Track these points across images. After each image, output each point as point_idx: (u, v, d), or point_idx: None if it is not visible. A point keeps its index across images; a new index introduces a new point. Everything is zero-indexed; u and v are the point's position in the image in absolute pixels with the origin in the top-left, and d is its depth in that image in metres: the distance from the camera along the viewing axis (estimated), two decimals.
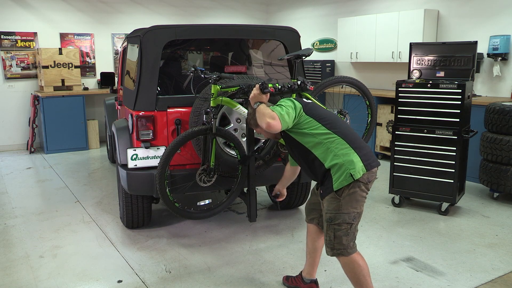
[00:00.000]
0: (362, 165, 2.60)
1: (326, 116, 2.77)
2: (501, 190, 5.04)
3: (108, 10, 8.82)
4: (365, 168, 2.61)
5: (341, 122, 2.79)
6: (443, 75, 5.01)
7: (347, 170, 2.57)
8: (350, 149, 2.63)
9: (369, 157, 2.66)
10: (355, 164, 2.58)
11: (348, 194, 2.59)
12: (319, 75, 8.81)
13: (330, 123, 2.72)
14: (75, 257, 3.83)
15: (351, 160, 2.59)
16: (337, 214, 2.60)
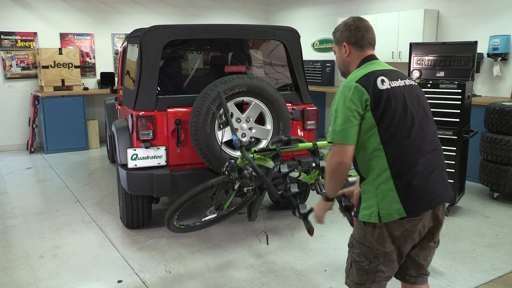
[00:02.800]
0: (400, 207, 1.95)
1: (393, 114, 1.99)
2: (501, 190, 5.04)
3: (108, 10, 8.82)
4: (403, 211, 1.95)
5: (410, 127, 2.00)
6: (443, 75, 5.01)
7: (376, 207, 1.99)
8: (391, 182, 1.97)
9: (419, 195, 1.96)
10: (387, 205, 1.96)
11: (373, 228, 2.03)
12: (319, 75, 8.82)
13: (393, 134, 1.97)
14: (75, 257, 3.83)
15: (385, 198, 1.97)
16: (358, 243, 2.10)
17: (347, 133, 1.97)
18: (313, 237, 4.14)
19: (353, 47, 2.21)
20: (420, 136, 2.01)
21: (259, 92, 3.81)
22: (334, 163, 2.01)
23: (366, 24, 2.25)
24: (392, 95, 2.00)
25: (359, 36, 2.20)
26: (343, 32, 2.21)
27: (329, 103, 9.23)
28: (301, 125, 4.35)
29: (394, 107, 1.98)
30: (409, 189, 1.96)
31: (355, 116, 1.97)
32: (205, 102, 3.68)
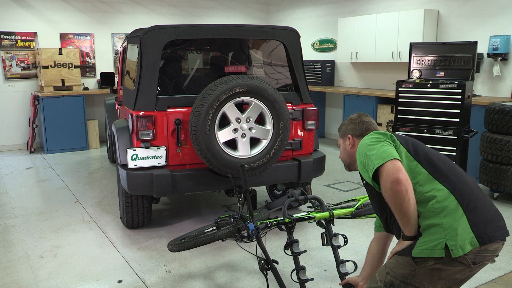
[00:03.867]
0: (472, 236, 1.80)
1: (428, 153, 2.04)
2: (501, 190, 5.04)
3: (108, 10, 8.82)
4: (476, 242, 1.80)
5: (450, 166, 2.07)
6: (443, 75, 5.02)
7: (443, 238, 1.80)
8: (459, 209, 1.85)
9: (488, 225, 1.86)
10: (458, 234, 1.79)
11: (431, 268, 1.83)
12: (319, 75, 8.82)
13: (433, 165, 1.98)
14: (75, 257, 3.83)
15: (455, 226, 1.81)
16: (404, 284, 1.89)
17: (387, 152, 1.89)
18: (313, 236, 4.14)
19: (357, 139, 2.26)
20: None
21: (259, 92, 3.81)
22: (389, 186, 1.81)
23: (370, 119, 2.32)
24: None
25: (363, 128, 2.27)
26: (348, 125, 2.30)
27: (329, 103, 9.24)
28: (301, 125, 4.35)
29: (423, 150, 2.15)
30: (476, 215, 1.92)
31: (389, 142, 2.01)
32: (205, 102, 3.68)
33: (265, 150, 3.92)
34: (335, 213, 3.15)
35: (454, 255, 1.77)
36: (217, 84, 3.72)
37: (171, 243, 3.43)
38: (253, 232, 2.85)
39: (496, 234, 1.86)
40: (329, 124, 9.32)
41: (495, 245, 1.87)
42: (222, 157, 3.77)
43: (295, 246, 2.89)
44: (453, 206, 1.85)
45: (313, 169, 4.33)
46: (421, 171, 1.94)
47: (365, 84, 8.41)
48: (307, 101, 4.40)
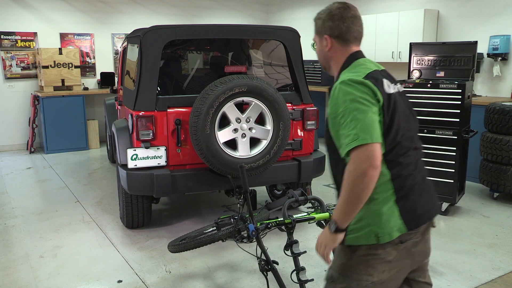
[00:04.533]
0: (400, 222, 1.72)
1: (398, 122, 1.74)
2: (501, 190, 5.04)
3: (108, 10, 8.82)
4: (404, 228, 1.73)
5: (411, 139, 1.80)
6: (443, 75, 5.01)
7: (371, 226, 1.72)
8: (391, 193, 1.73)
9: (417, 208, 1.76)
10: (385, 221, 1.71)
11: (364, 255, 1.74)
12: (319, 75, 8.82)
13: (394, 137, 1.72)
14: (75, 257, 3.83)
15: (383, 212, 1.72)
16: (342, 276, 1.78)
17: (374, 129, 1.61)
18: (313, 237, 4.14)
19: (336, 40, 1.84)
20: (417, 145, 1.85)
21: (259, 92, 3.81)
22: (366, 167, 1.57)
23: (354, 13, 1.82)
24: (397, 101, 1.75)
25: (343, 28, 1.81)
26: (325, 22, 1.83)
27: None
28: (301, 125, 4.35)
29: (399, 114, 1.73)
30: (407, 201, 1.75)
31: (376, 111, 1.66)
32: (205, 102, 3.68)
33: (265, 150, 3.92)
34: None
35: (382, 241, 1.70)
36: (217, 84, 3.72)
37: (171, 244, 3.43)
38: (253, 232, 2.85)
39: (424, 218, 1.79)
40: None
41: (423, 227, 1.80)
42: (222, 157, 3.77)
43: (295, 247, 2.89)
44: (388, 193, 1.72)
45: (313, 169, 4.33)
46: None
47: None
48: (307, 101, 4.40)
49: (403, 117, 1.75)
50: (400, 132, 1.72)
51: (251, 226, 2.86)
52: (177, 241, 3.44)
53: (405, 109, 1.80)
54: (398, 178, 1.73)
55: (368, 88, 1.67)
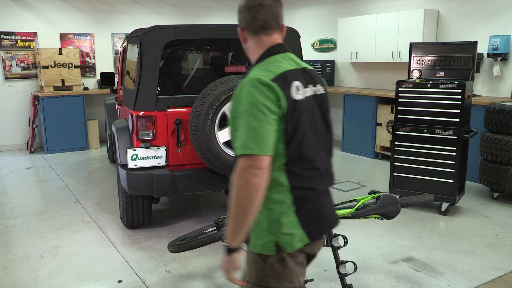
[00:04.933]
0: (302, 233, 1.65)
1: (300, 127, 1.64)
2: (501, 190, 5.04)
3: (108, 10, 8.82)
4: (306, 238, 1.66)
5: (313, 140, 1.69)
6: (443, 75, 5.01)
7: (273, 236, 1.64)
8: (290, 204, 1.65)
9: (319, 219, 1.71)
10: (287, 232, 1.63)
11: (276, 264, 1.66)
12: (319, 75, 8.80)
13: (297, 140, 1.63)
14: (75, 257, 3.83)
15: (283, 222, 1.64)
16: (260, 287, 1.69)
17: (265, 140, 1.52)
18: None
19: (246, 32, 1.74)
20: (323, 152, 1.76)
21: None
22: (249, 176, 1.50)
23: (260, 1, 1.68)
24: (304, 109, 1.64)
25: (248, 18, 1.70)
26: (238, 15, 1.75)
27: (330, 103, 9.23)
28: None
29: (306, 122, 1.64)
30: (308, 212, 1.68)
31: (274, 120, 1.55)
32: (205, 102, 3.67)
33: None
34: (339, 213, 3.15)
35: (287, 251, 1.64)
36: (217, 84, 3.72)
37: (171, 244, 3.43)
38: None
39: (326, 228, 1.78)
40: None
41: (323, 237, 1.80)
42: (222, 157, 3.77)
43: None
44: (287, 204, 1.64)
45: None
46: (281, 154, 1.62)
47: (365, 84, 8.41)
48: None
49: (309, 127, 1.66)
50: (304, 143, 1.64)
51: None
52: (177, 241, 3.44)
53: (315, 117, 1.71)
54: (298, 189, 1.65)
55: (273, 92, 1.56)
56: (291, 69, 1.67)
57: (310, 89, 1.71)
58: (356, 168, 6.80)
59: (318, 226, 1.70)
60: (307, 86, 1.70)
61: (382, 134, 7.18)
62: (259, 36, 1.72)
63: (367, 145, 7.46)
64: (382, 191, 5.63)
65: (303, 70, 1.74)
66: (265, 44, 1.72)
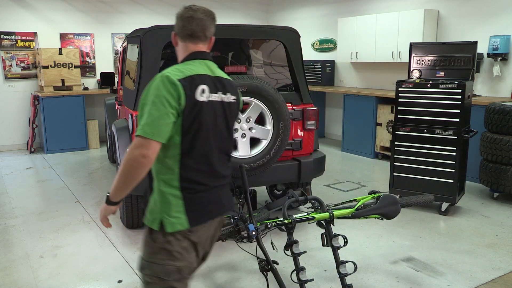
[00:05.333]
0: (184, 218, 1.86)
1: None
2: (501, 190, 5.04)
3: (108, 10, 8.82)
4: (187, 224, 1.86)
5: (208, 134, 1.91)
6: (443, 75, 5.01)
7: (160, 214, 1.87)
8: (177, 190, 1.87)
9: (202, 208, 1.92)
10: (172, 214, 1.86)
11: (162, 242, 1.87)
12: (319, 75, 8.82)
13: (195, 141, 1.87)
14: (75, 257, 3.83)
15: (172, 204, 1.86)
16: (148, 263, 1.90)
17: (160, 129, 1.76)
18: (313, 237, 4.14)
19: (178, 37, 2.00)
20: (221, 153, 1.99)
21: (259, 92, 3.81)
22: (138, 155, 1.73)
23: (192, 13, 1.94)
24: (205, 110, 1.87)
25: (180, 25, 1.97)
26: (176, 19, 2.00)
27: (329, 103, 9.25)
28: (301, 125, 4.35)
29: (204, 121, 1.86)
30: (194, 200, 1.89)
31: (172, 113, 1.79)
32: None
33: (265, 150, 3.92)
34: (335, 214, 3.15)
35: (168, 230, 1.85)
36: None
37: None
38: (253, 232, 2.85)
39: (207, 217, 1.95)
40: (329, 124, 9.32)
41: (210, 223, 1.97)
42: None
43: (295, 247, 2.90)
44: (175, 189, 1.86)
45: (313, 169, 4.33)
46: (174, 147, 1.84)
47: (365, 84, 8.41)
48: (307, 101, 4.40)
49: (207, 126, 1.88)
50: (199, 139, 1.86)
51: (251, 226, 2.86)
52: None
53: (216, 120, 1.92)
54: (187, 180, 1.87)
55: (176, 90, 1.78)
56: (202, 74, 1.91)
57: (218, 95, 1.94)
58: (356, 168, 6.81)
59: (199, 215, 1.91)
60: (216, 92, 1.93)
61: (382, 134, 7.18)
62: (186, 43, 1.98)
63: (367, 145, 7.46)
64: (382, 191, 5.63)
65: (216, 78, 1.98)
66: (190, 50, 1.98)
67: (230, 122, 2.01)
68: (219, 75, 2.00)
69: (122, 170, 1.78)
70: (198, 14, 1.94)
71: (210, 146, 1.91)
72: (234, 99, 2.03)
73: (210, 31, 2.00)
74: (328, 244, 3.06)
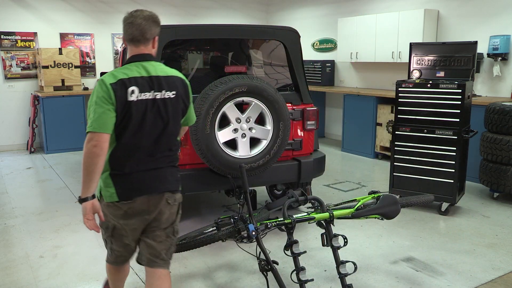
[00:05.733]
0: (113, 192, 2.28)
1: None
2: (501, 190, 5.04)
3: (108, 10, 8.82)
4: (116, 197, 2.28)
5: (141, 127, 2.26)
6: (443, 75, 5.01)
7: (101, 187, 2.33)
8: (108, 169, 2.28)
9: (130, 186, 2.29)
10: (107, 188, 2.30)
11: (105, 207, 2.36)
12: (319, 75, 8.82)
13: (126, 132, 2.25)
14: (75, 257, 3.83)
15: (107, 181, 2.29)
16: (102, 223, 2.46)
17: (105, 122, 2.14)
18: (313, 237, 4.14)
19: (128, 44, 2.32)
20: (150, 143, 2.29)
21: (259, 92, 3.81)
22: (90, 146, 2.11)
23: (132, 19, 2.26)
24: (134, 108, 2.19)
25: (123, 30, 2.27)
26: (123, 22, 2.30)
27: (329, 103, 9.25)
28: (301, 125, 4.35)
29: (134, 117, 2.19)
30: (122, 179, 2.28)
31: (111, 109, 2.15)
32: (205, 102, 3.67)
33: (265, 150, 3.92)
34: (335, 214, 3.15)
35: (105, 200, 2.30)
36: (217, 84, 3.72)
37: None
38: (253, 233, 2.85)
39: (136, 194, 2.29)
40: (329, 124, 9.32)
41: (141, 199, 2.30)
42: (222, 157, 3.77)
43: (295, 247, 2.90)
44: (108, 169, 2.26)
45: (313, 169, 4.33)
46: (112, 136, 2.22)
47: (365, 84, 8.41)
48: (307, 101, 4.40)
49: (135, 122, 2.21)
50: (128, 132, 2.21)
51: (251, 226, 2.86)
52: (177, 241, 3.44)
53: (145, 115, 2.22)
54: (115, 164, 2.26)
55: (108, 92, 2.13)
56: (135, 76, 2.22)
57: (150, 94, 2.24)
58: (356, 168, 6.81)
59: (126, 191, 2.28)
60: (149, 91, 2.23)
61: (382, 134, 7.18)
62: (130, 45, 2.29)
63: (367, 145, 7.46)
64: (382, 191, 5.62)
65: (151, 77, 2.26)
66: (132, 52, 2.28)
67: (166, 116, 2.28)
68: (157, 74, 2.27)
69: (83, 165, 2.12)
70: (138, 19, 2.24)
71: (138, 138, 2.24)
72: (172, 95, 2.30)
73: (151, 33, 2.29)
74: (328, 244, 3.06)
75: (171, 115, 2.30)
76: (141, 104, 2.20)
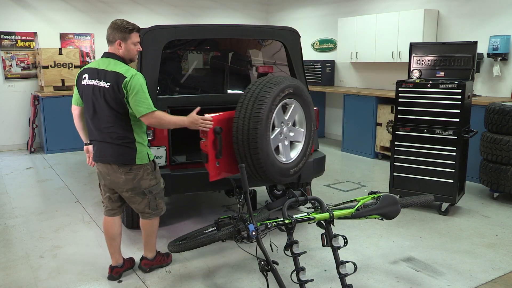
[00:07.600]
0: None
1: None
2: (501, 190, 5.04)
3: (108, 10, 8.82)
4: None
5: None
6: (443, 75, 5.01)
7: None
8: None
9: (97, 152, 3.27)
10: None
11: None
12: (319, 75, 8.82)
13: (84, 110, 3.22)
14: (75, 257, 3.83)
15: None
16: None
17: (75, 98, 3.26)
18: (313, 237, 4.14)
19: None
20: (95, 120, 3.09)
21: (300, 93, 3.59)
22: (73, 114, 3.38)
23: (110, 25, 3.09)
24: (85, 89, 3.08)
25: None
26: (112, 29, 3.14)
27: (329, 103, 9.25)
28: None
29: (84, 98, 3.11)
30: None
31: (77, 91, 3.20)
32: (263, 105, 3.30)
33: (301, 153, 3.72)
34: (335, 214, 3.15)
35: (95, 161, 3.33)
36: (270, 86, 3.37)
37: (171, 244, 3.43)
38: (253, 233, 2.85)
39: (97, 159, 3.24)
40: (329, 124, 9.32)
41: (101, 165, 3.23)
42: (276, 165, 3.47)
43: (295, 247, 2.90)
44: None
45: (313, 169, 4.33)
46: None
47: (365, 84, 8.41)
48: None
49: (86, 101, 3.11)
50: (85, 108, 3.17)
51: (251, 226, 2.86)
52: (177, 241, 3.44)
53: (90, 98, 3.06)
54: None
55: (77, 77, 3.16)
56: (90, 67, 3.11)
57: (94, 81, 3.04)
58: (356, 168, 6.81)
59: (95, 156, 3.27)
60: (94, 79, 3.04)
61: (382, 134, 7.18)
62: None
63: (367, 145, 7.46)
64: (382, 191, 5.62)
65: (100, 70, 3.04)
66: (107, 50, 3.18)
67: (101, 101, 3.02)
68: (105, 68, 3.02)
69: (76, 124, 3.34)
70: (108, 27, 3.08)
71: (88, 114, 3.11)
72: (107, 85, 2.99)
73: (112, 36, 3.07)
74: (328, 244, 3.06)
75: (105, 100, 3.01)
76: (87, 88, 3.06)
